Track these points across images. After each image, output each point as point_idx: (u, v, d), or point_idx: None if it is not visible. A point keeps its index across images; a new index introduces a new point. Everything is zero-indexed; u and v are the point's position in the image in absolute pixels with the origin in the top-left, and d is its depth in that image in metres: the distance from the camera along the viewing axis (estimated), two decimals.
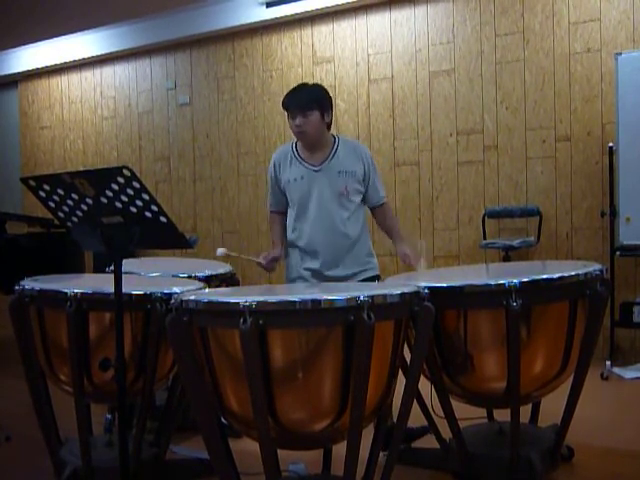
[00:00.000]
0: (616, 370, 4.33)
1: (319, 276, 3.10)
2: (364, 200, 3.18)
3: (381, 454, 2.29)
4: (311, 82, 3.36)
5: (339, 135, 3.21)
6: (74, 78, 7.26)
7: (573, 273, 2.47)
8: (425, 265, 3.11)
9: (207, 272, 3.26)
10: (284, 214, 3.23)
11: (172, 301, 2.19)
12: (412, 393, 2.26)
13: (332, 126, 3.19)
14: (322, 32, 5.80)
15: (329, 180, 3.04)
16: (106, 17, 6.26)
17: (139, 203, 2.09)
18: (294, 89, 3.12)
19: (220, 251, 3.11)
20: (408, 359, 2.30)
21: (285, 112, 3.08)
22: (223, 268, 3.44)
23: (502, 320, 2.37)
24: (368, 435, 2.24)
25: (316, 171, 3.06)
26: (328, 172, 3.05)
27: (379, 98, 5.58)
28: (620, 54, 4.38)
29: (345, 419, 2.03)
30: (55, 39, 6.90)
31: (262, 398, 1.96)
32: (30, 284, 2.62)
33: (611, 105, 4.55)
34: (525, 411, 2.74)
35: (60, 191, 2.17)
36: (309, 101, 2.99)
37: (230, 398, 2.14)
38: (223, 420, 2.25)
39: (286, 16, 5.80)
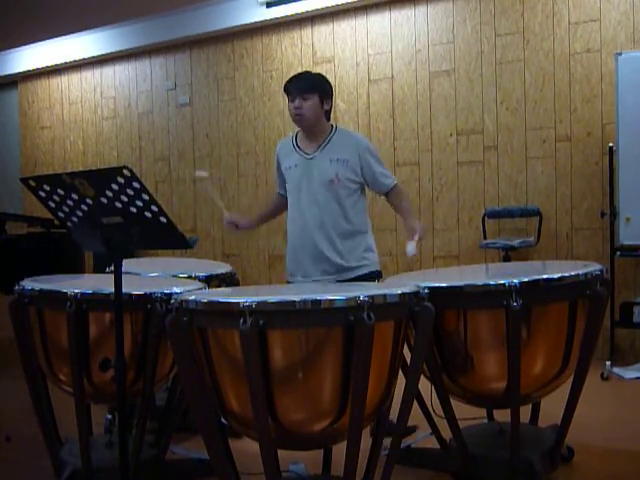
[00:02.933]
0: (616, 370, 4.33)
1: (307, 270, 3.08)
2: (374, 188, 3.16)
3: (381, 455, 2.29)
4: None
5: (339, 126, 3.21)
6: (74, 78, 7.26)
7: (573, 273, 2.47)
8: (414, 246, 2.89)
9: (207, 272, 3.26)
10: (285, 199, 3.25)
11: (172, 301, 2.19)
12: (412, 393, 2.26)
13: None
14: (322, 32, 5.80)
15: (320, 167, 3.05)
16: (106, 17, 6.26)
17: (139, 203, 2.09)
18: (296, 74, 3.19)
19: (200, 173, 3.13)
20: (408, 359, 2.30)
21: (286, 97, 3.13)
22: (223, 268, 3.44)
23: (502, 320, 2.37)
24: (368, 435, 2.24)
25: (309, 159, 3.08)
26: (319, 160, 3.06)
27: (379, 98, 5.58)
28: (620, 54, 4.38)
29: (345, 419, 2.03)
30: (55, 39, 6.90)
31: (262, 398, 1.96)
32: (30, 284, 2.62)
33: (611, 105, 4.55)
34: (525, 411, 2.74)
35: (60, 191, 2.17)
36: (309, 85, 3.05)
37: (230, 398, 2.14)
38: (223, 420, 2.25)
39: (286, 16, 5.80)
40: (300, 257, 3.10)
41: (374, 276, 3.10)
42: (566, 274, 2.46)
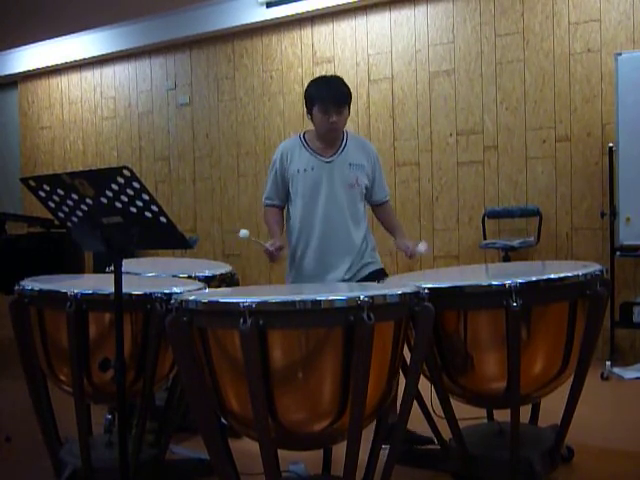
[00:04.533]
0: (616, 370, 4.33)
1: (323, 271, 3.09)
2: (368, 196, 3.21)
3: (382, 453, 2.29)
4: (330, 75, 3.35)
5: (348, 131, 3.22)
6: (74, 78, 7.26)
7: (573, 273, 2.47)
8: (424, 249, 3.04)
9: (207, 272, 3.26)
10: (281, 209, 3.23)
11: (172, 301, 2.19)
12: (412, 393, 2.26)
13: None
14: (322, 32, 5.80)
15: (340, 171, 3.07)
16: (106, 17, 6.26)
17: (139, 203, 2.09)
18: (326, 83, 3.10)
19: (243, 232, 3.02)
20: (408, 359, 2.30)
21: (311, 102, 3.04)
22: (223, 268, 3.44)
23: (502, 320, 2.36)
24: (368, 435, 2.24)
25: (328, 162, 3.08)
26: (339, 163, 3.08)
27: (379, 98, 5.58)
28: (620, 54, 4.38)
29: (345, 419, 2.03)
30: (55, 39, 6.90)
31: (262, 398, 1.96)
32: (30, 284, 2.61)
33: (611, 105, 4.55)
34: (525, 411, 2.74)
35: (60, 191, 2.17)
36: (345, 98, 3.04)
37: (230, 398, 2.14)
38: (223, 420, 2.25)
39: (286, 16, 5.80)
40: (325, 256, 3.09)
41: (383, 273, 3.15)
42: (566, 274, 2.46)
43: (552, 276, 2.47)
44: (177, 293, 2.38)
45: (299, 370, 2.01)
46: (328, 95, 3.00)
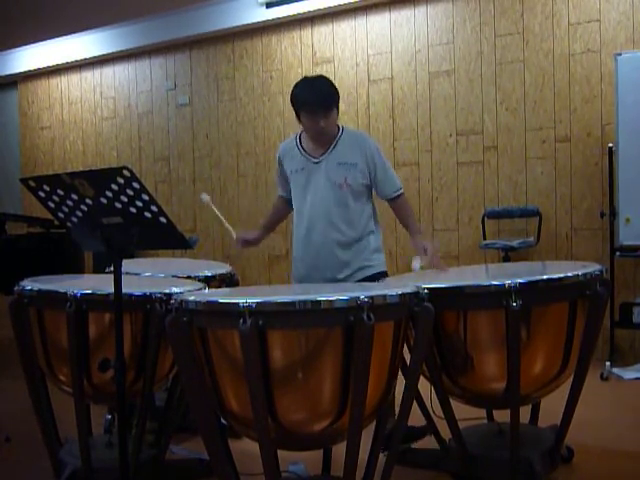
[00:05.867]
0: (616, 371, 4.33)
1: (313, 276, 3.04)
2: (377, 192, 3.08)
3: (381, 455, 2.29)
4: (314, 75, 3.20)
5: (345, 126, 3.11)
6: (74, 78, 7.26)
7: (573, 274, 2.47)
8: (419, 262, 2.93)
9: (207, 272, 3.26)
10: (288, 201, 3.21)
11: (172, 301, 2.19)
12: (412, 394, 2.26)
13: None
14: (322, 33, 5.80)
15: (328, 171, 2.97)
16: (106, 17, 6.27)
17: (139, 204, 2.09)
18: (311, 86, 2.96)
19: (204, 197, 3.40)
20: (408, 359, 2.30)
21: (297, 107, 2.96)
22: (223, 268, 3.44)
23: (502, 321, 2.36)
24: (368, 435, 2.24)
25: (316, 162, 3.00)
26: (327, 163, 2.98)
27: (379, 98, 5.58)
28: (620, 55, 4.38)
29: (345, 419, 2.03)
30: (55, 39, 6.90)
31: (262, 399, 1.96)
32: (30, 285, 2.61)
33: (611, 106, 4.55)
34: (525, 412, 2.74)
35: (60, 191, 2.17)
36: (331, 101, 2.93)
37: (230, 399, 2.14)
38: (223, 420, 2.25)
39: (286, 16, 5.80)
40: (314, 258, 3.03)
41: (380, 277, 3.02)
42: (566, 274, 2.46)
43: (552, 276, 2.47)
44: (177, 293, 2.38)
45: (299, 370, 2.01)
46: (313, 99, 2.89)
